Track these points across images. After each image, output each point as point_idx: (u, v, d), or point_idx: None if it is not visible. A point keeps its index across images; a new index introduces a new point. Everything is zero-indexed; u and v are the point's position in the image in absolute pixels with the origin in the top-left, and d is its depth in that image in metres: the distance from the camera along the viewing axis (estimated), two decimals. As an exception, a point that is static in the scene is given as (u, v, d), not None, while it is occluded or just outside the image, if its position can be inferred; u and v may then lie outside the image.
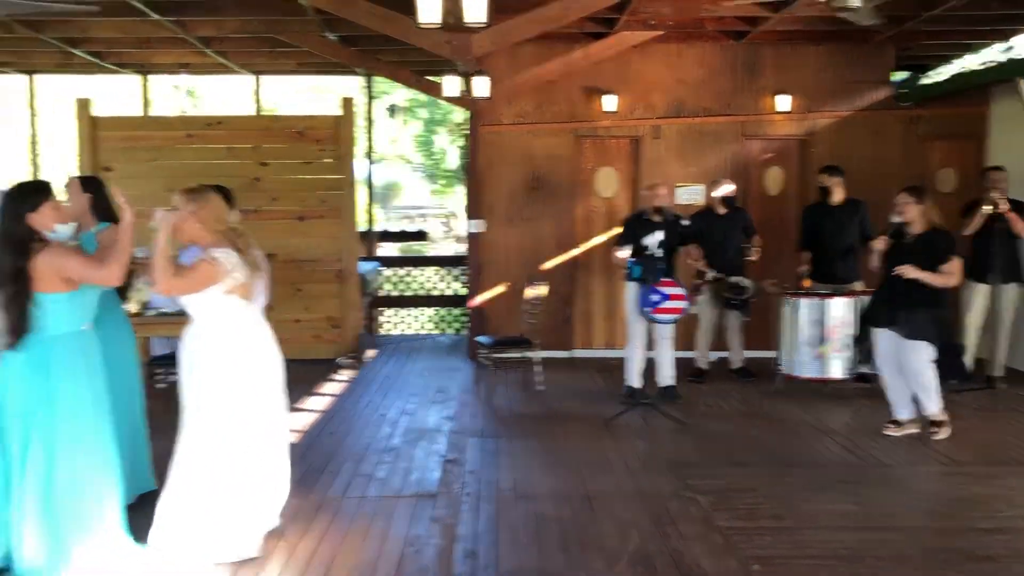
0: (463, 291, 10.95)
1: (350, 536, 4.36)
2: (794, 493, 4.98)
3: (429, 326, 11.75)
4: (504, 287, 9.10)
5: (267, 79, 11.90)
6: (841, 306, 7.17)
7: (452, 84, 8.15)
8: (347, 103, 8.87)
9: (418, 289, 11.64)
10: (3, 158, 17.90)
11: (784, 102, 8.98)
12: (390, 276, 11.52)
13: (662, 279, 6.55)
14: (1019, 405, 7.06)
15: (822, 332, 7.18)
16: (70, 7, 6.15)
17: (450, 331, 11.49)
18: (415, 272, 11.69)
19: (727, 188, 7.82)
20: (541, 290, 7.63)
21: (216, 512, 3.94)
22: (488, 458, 5.73)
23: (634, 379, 7.10)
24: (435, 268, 11.86)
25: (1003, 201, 7.06)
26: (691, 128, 9.09)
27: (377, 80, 12.09)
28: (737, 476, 5.30)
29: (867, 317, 6.41)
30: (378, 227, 13.04)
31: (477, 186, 9.14)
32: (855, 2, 5.61)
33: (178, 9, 8.02)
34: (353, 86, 14.93)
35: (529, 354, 7.57)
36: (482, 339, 7.80)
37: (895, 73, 9.38)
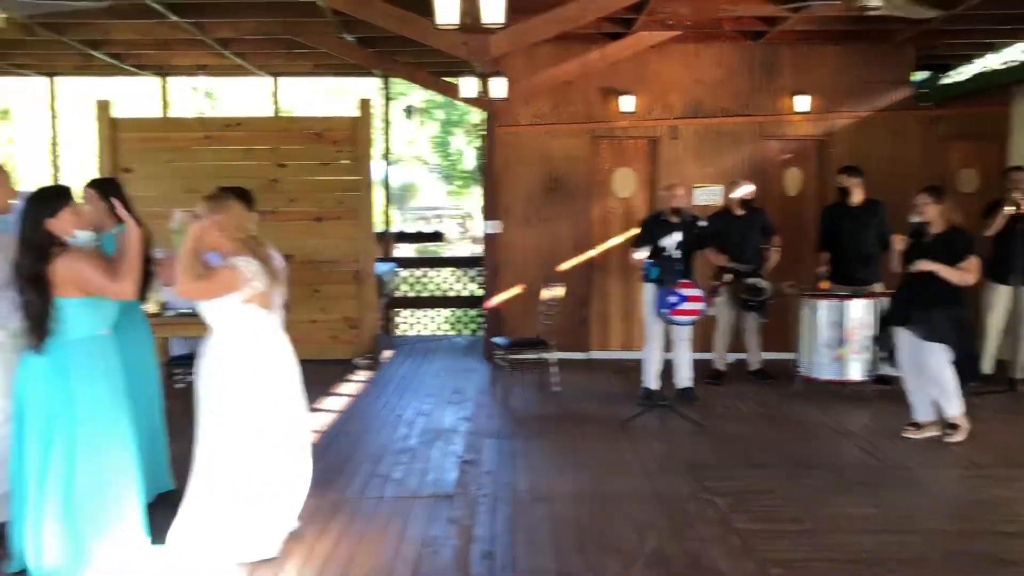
0: (479, 292, 10.95)
1: (367, 537, 4.37)
2: (813, 495, 4.95)
3: (445, 327, 11.75)
4: (520, 288, 9.10)
5: (285, 81, 11.97)
6: (860, 308, 7.12)
7: (469, 85, 8.17)
8: (364, 104, 8.89)
9: (434, 290, 11.66)
10: (25, 160, 18.08)
11: (803, 102, 8.94)
12: (407, 277, 11.54)
13: (680, 280, 6.53)
14: (1041, 408, 7.00)
15: (841, 334, 7.13)
16: (82, 4, 6.16)
17: (466, 332, 11.49)
18: (431, 273, 11.71)
19: (746, 189, 7.79)
20: (558, 291, 7.61)
21: (236, 514, 3.96)
22: (505, 459, 5.73)
23: (651, 381, 7.07)
24: (451, 269, 11.85)
25: (1025, 201, 7.01)
26: (709, 128, 9.06)
27: (394, 81, 12.12)
28: (755, 478, 5.28)
29: (887, 317, 6.37)
30: (394, 228, 13.07)
31: (494, 187, 9.14)
32: (875, 1, 5.57)
33: (197, 11, 8.09)
34: (370, 87, 14.97)
35: (545, 355, 7.56)
36: (498, 340, 7.80)
37: (915, 73, 9.31)
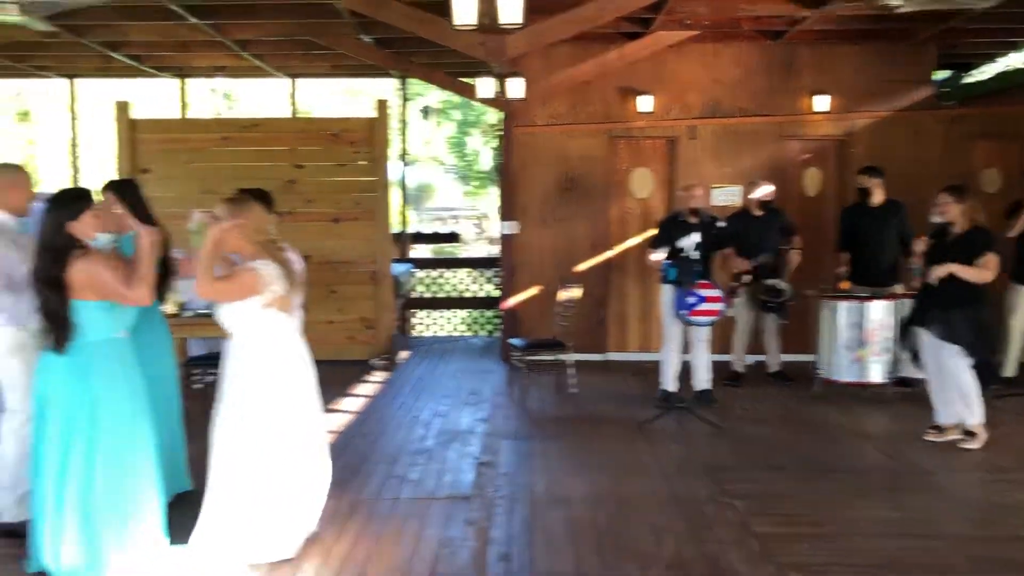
0: (496, 293, 10.94)
1: (384, 538, 4.36)
2: (832, 499, 4.90)
3: (462, 328, 11.75)
4: (537, 289, 9.07)
5: (302, 82, 12.01)
6: (880, 309, 7.06)
7: (486, 85, 8.16)
8: (381, 105, 8.89)
9: (451, 291, 11.66)
10: (45, 162, 18.22)
11: (822, 102, 8.87)
12: (423, 278, 11.55)
13: (698, 281, 6.49)
14: (1065, 411, 6.90)
15: (861, 335, 7.07)
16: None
17: (483, 333, 11.48)
18: (448, 274, 11.72)
19: (765, 190, 7.74)
20: (575, 292, 7.58)
21: (253, 515, 3.96)
22: (522, 460, 5.71)
23: (670, 383, 7.04)
24: (468, 270, 11.85)
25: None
26: (727, 129, 9.00)
27: (411, 82, 12.13)
28: (774, 481, 5.23)
29: (909, 317, 6.29)
30: (411, 229, 13.08)
31: (510, 187, 9.13)
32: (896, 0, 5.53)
33: (215, 13, 8.14)
34: (387, 88, 14.99)
35: (562, 357, 7.53)
36: (515, 341, 7.78)
37: (937, 72, 9.22)
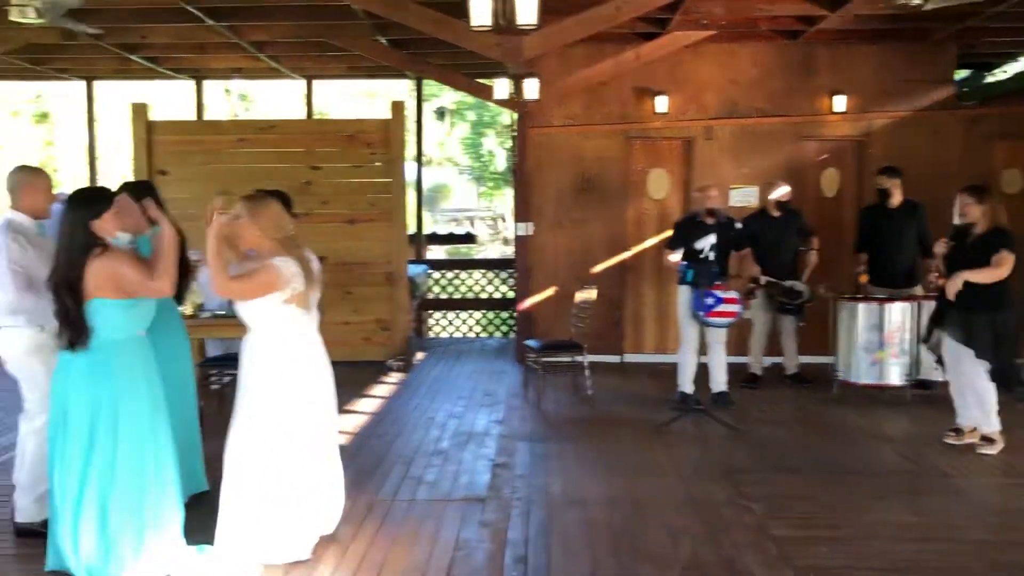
0: (511, 294, 10.93)
1: (400, 539, 4.36)
2: (850, 502, 4.86)
3: (477, 329, 11.73)
4: (552, 290, 9.05)
5: (318, 83, 12.04)
6: (899, 311, 7.00)
7: (502, 86, 8.14)
8: (397, 106, 8.90)
9: (466, 292, 11.65)
10: (64, 164, 18.37)
11: (840, 102, 8.81)
12: (438, 279, 11.55)
13: (715, 282, 6.46)
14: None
15: (880, 337, 7.01)
16: None
17: (498, 334, 11.47)
18: (463, 275, 11.71)
19: (782, 190, 7.69)
20: (590, 293, 7.55)
21: (269, 516, 3.96)
22: (537, 462, 5.69)
23: (687, 384, 7.01)
24: (483, 271, 11.84)
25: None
26: (744, 129, 8.95)
27: (426, 83, 12.14)
28: (791, 484, 5.19)
29: (931, 319, 6.21)
30: (426, 230, 13.09)
31: (525, 188, 9.11)
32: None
33: (232, 15, 8.17)
34: (403, 89, 15.03)
35: (578, 358, 7.51)
36: (530, 343, 7.75)
37: (957, 72, 9.13)
